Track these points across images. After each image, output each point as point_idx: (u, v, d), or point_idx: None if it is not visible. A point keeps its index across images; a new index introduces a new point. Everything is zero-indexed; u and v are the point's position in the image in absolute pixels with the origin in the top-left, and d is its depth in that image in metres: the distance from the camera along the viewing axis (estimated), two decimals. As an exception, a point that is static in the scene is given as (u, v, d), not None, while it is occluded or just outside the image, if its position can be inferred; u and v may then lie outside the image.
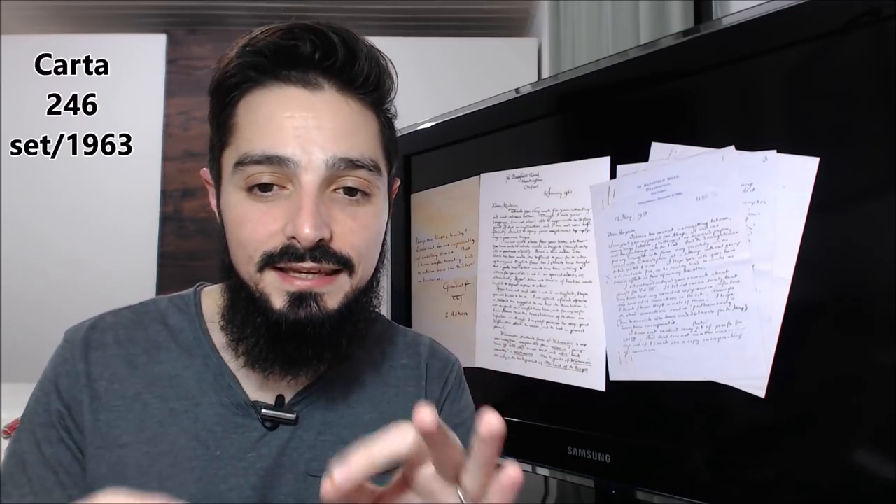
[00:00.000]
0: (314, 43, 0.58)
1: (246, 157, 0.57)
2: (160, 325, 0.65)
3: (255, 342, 0.58)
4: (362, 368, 0.69)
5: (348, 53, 0.58)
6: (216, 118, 0.62)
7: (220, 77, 0.60)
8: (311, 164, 0.56)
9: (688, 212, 0.78)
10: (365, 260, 0.60)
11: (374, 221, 0.61)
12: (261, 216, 0.57)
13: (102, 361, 0.62)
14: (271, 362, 0.59)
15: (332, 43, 0.58)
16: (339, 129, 0.58)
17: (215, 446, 0.61)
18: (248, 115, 0.59)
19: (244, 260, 0.58)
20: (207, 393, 0.63)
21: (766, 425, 0.71)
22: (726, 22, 0.76)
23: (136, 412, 0.61)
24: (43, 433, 0.60)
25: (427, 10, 2.56)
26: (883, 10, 0.63)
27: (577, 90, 0.93)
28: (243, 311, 0.59)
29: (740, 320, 0.73)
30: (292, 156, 0.56)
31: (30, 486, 0.59)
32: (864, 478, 0.63)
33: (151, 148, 2.36)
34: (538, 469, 0.98)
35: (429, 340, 0.76)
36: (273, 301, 0.57)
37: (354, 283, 0.60)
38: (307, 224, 0.55)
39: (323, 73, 0.59)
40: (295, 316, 0.56)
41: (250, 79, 0.59)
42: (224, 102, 0.61)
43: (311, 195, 0.56)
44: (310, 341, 0.57)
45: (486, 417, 0.35)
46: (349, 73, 0.59)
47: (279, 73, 0.58)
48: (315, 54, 0.58)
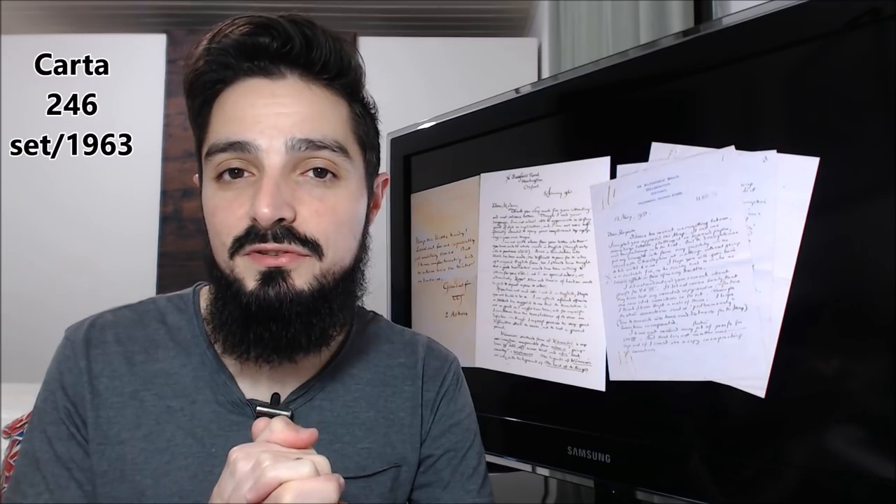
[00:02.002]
0: (272, 34, 0.59)
1: (213, 146, 0.59)
2: (159, 324, 0.66)
3: (231, 328, 0.59)
4: (359, 367, 0.70)
5: (305, 40, 0.60)
6: (195, 119, 0.64)
7: (192, 76, 0.62)
8: (272, 147, 0.57)
9: (688, 212, 0.78)
10: (335, 244, 0.60)
11: (344, 204, 0.61)
12: (229, 203, 0.58)
13: (103, 359, 0.63)
14: (245, 348, 0.59)
15: (288, 32, 0.59)
16: (301, 113, 0.59)
17: (211, 443, 0.61)
18: (219, 111, 0.61)
19: (220, 248, 0.59)
20: (204, 391, 0.63)
21: (766, 425, 0.71)
22: (726, 22, 0.76)
23: (133, 409, 0.61)
24: (53, 431, 0.61)
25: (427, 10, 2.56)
26: (883, 10, 0.63)
27: (577, 90, 0.93)
28: (222, 300, 0.60)
29: (740, 320, 0.73)
30: (253, 140, 0.57)
31: (45, 483, 0.60)
32: (864, 478, 0.63)
33: (151, 148, 2.37)
34: (538, 469, 0.98)
35: (426, 339, 0.76)
36: (246, 283, 0.58)
37: (325, 266, 0.60)
38: (263, 203, 0.55)
39: (283, 63, 0.60)
40: (265, 295, 0.57)
41: (220, 78, 0.61)
42: (199, 103, 0.62)
43: (271, 177, 0.57)
44: (279, 321, 0.57)
45: None
46: (307, 58, 0.60)
47: (243, 66, 0.60)
48: (273, 44, 0.59)
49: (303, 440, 0.49)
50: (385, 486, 0.67)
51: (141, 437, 0.61)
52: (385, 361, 0.72)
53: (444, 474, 0.71)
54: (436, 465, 0.71)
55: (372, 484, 0.66)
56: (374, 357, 0.71)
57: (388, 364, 0.72)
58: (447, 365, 0.75)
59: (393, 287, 1.20)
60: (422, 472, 0.71)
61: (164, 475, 0.60)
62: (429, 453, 0.71)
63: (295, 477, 0.45)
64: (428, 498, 0.70)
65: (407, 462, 0.69)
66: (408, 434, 0.69)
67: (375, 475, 0.66)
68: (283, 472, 0.45)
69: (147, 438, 0.61)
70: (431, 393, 0.72)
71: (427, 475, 0.71)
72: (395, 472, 0.68)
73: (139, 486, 0.59)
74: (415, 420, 0.70)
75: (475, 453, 0.73)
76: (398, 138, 1.20)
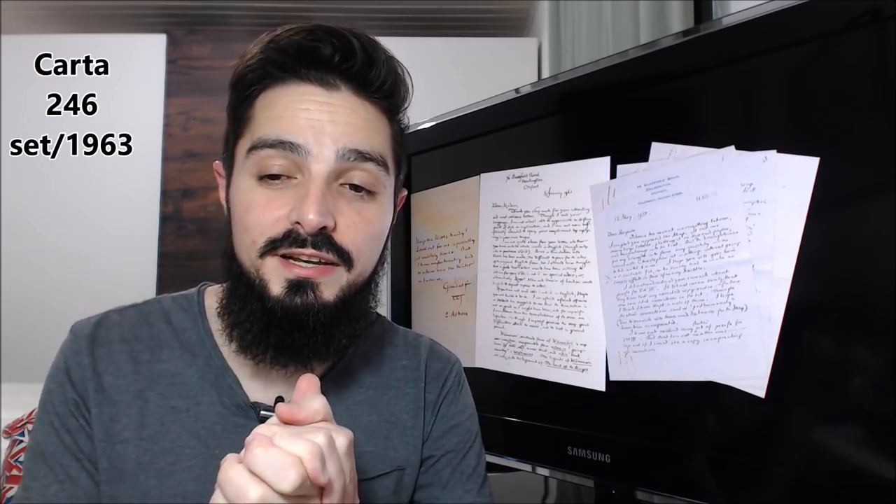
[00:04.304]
0: (335, 45, 0.59)
1: (259, 141, 0.58)
2: (164, 324, 0.66)
3: (249, 328, 0.59)
4: (362, 370, 0.70)
5: (367, 58, 0.60)
6: (234, 111, 0.63)
7: (242, 71, 0.62)
8: (322, 153, 0.57)
9: (688, 212, 0.78)
10: (364, 256, 0.61)
11: (378, 220, 0.62)
12: (268, 202, 0.58)
13: (108, 357, 0.63)
14: (263, 349, 0.59)
15: (352, 47, 0.59)
16: (353, 125, 0.59)
17: (214, 445, 0.61)
18: (265, 108, 0.60)
19: (247, 245, 0.59)
20: (208, 392, 0.63)
21: (766, 425, 0.71)
22: (726, 22, 0.76)
23: (137, 409, 0.61)
24: (61, 423, 0.61)
25: (427, 10, 2.56)
26: (883, 10, 0.63)
27: (577, 90, 0.93)
28: (242, 299, 0.60)
29: (740, 320, 0.73)
30: (304, 143, 0.57)
31: (52, 474, 0.59)
32: (864, 477, 0.63)
33: (151, 148, 2.37)
34: (538, 469, 0.98)
35: (429, 341, 0.76)
36: (271, 287, 0.58)
37: (352, 278, 0.60)
38: (313, 209, 0.56)
39: (341, 75, 0.60)
40: (291, 303, 0.57)
41: (270, 75, 0.60)
42: (243, 96, 0.62)
43: (319, 184, 0.57)
44: (303, 330, 0.58)
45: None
46: (366, 76, 0.60)
47: (299, 71, 0.60)
48: (335, 56, 0.59)
49: (300, 417, 0.46)
50: (388, 490, 0.67)
51: (145, 437, 0.60)
52: (388, 364, 0.72)
53: (443, 474, 0.71)
54: (436, 465, 0.71)
55: (375, 487, 0.66)
56: (377, 360, 0.71)
57: (391, 367, 0.72)
58: (449, 366, 0.75)
59: (393, 287, 1.20)
60: (422, 473, 0.71)
61: (168, 476, 0.60)
62: (429, 454, 0.71)
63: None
64: (427, 498, 0.70)
65: (410, 465, 0.69)
66: (410, 436, 0.69)
67: (378, 478, 0.66)
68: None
69: (151, 438, 0.60)
70: (433, 394, 0.72)
71: (427, 475, 0.71)
72: (398, 475, 0.68)
73: (143, 486, 0.59)
74: (417, 422, 0.70)
75: (475, 454, 0.73)
76: (398, 138, 1.20)
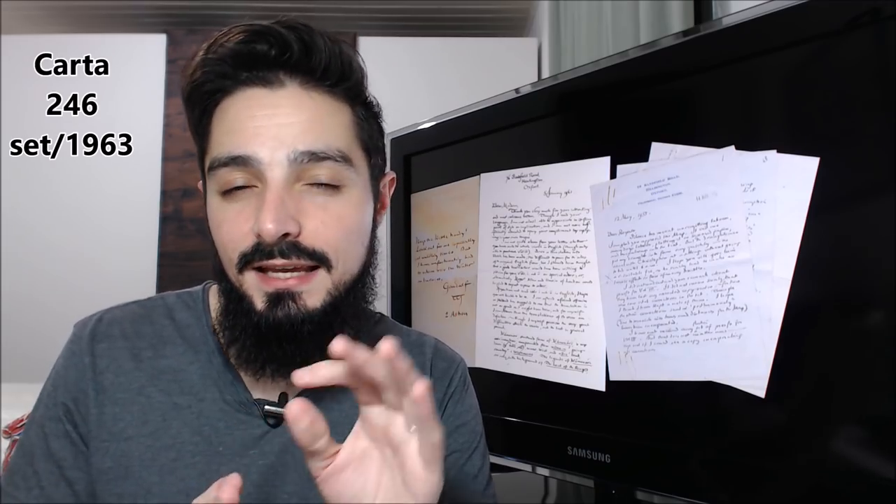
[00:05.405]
0: (270, 41, 0.58)
1: (215, 160, 0.58)
2: (167, 320, 0.66)
3: (244, 344, 0.59)
4: None
5: (304, 47, 0.59)
6: (195, 128, 0.63)
7: (189, 87, 0.61)
8: (275, 159, 0.56)
9: (688, 212, 0.78)
10: (344, 254, 0.60)
11: (351, 213, 0.60)
12: (235, 216, 0.58)
13: (108, 354, 0.63)
14: (261, 364, 0.59)
15: (286, 38, 0.58)
16: (302, 124, 0.58)
17: (217, 442, 0.61)
18: (219, 122, 0.60)
19: (227, 262, 0.59)
20: (211, 389, 0.63)
21: (766, 425, 0.71)
22: (726, 22, 0.76)
23: (139, 405, 0.61)
24: (50, 427, 0.61)
25: (427, 10, 2.56)
26: (883, 10, 0.63)
27: (577, 90, 0.93)
28: (233, 315, 0.60)
29: (740, 320, 0.73)
30: (254, 154, 0.56)
31: (36, 478, 0.60)
32: (865, 477, 0.63)
33: (151, 148, 2.36)
34: (538, 469, 0.98)
35: (434, 340, 0.76)
36: (255, 302, 0.58)
37: (336, 279, 0.59)
38: (267, 219, 0.55)
39: (283, 70, 0.59)
40: (273, 316, 0.57)
41: (218, 87, 0.60)
42: (199, 112, 0.61)
43: (274, 191, 0.56)
44: (291, 341, 0.57)
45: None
46: (307, 65, 0.59)
47: (241, 76, 0.59)
48: (271, 51, 0.58)
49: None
50: None
51: (147, 433, 0.60)
52: None
53: (448, 475, 0.71)
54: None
55: None
56: None
57: None
58: (454, 366, 0.75)
59: (393, 287, 1.20)
60: None
61: (171, 472, 0.60)
62: None
63: None
64: None
65: None
66: None
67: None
68: None
69: (153, 435, 0.60)
70: (439, 394, 0.72)
71: None
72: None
73: (145, 482, 0.59)
74: None
75: (480, 454, 0.73)
76: (398, 138, 1.20)
